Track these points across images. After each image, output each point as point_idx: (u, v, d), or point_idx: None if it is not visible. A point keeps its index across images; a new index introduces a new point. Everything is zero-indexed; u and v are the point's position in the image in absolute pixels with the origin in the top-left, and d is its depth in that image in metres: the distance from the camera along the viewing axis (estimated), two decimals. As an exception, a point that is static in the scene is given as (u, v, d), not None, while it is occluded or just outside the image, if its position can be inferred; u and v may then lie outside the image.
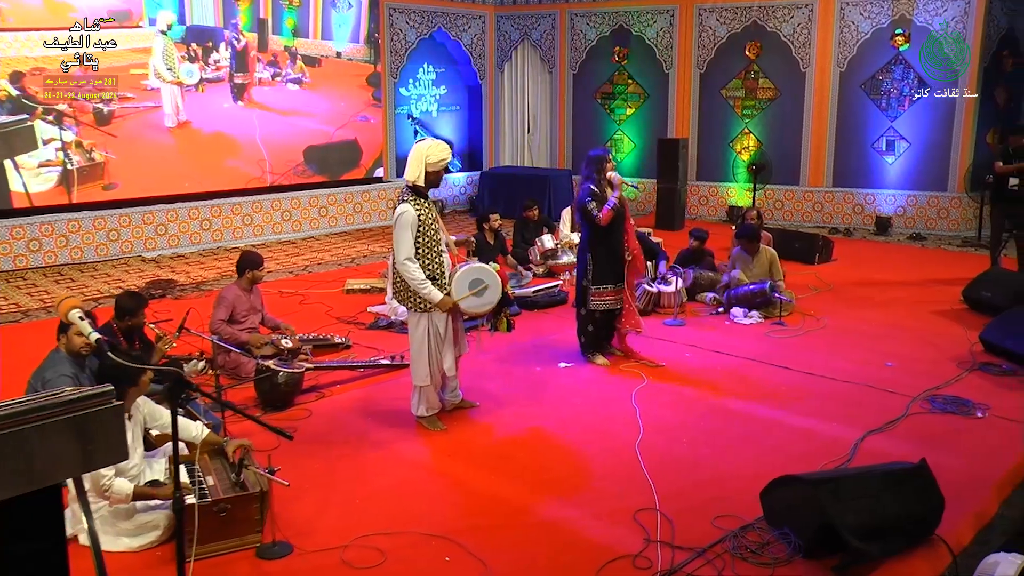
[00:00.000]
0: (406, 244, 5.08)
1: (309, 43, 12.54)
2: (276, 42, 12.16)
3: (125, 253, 10.38)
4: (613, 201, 6.29)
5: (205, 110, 11.38)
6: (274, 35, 12.15)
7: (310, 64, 12.56)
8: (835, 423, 5.46)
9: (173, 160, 11.06)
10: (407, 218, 5.08)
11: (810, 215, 12.75)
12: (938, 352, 6.86)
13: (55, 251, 9.90)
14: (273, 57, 12.13)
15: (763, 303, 7.84)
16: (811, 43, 12.30)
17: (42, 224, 9.78)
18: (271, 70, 12.11)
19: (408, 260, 5.08)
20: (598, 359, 6.63)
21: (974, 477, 4.70)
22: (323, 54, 12.71)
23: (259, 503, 4.08)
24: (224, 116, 11.61)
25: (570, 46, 14.28)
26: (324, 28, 12.70)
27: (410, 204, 5.13)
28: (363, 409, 5.78)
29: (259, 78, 11.97)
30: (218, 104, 11.55)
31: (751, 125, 12.99)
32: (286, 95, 12.35)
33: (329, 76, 12.83)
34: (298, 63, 12.40)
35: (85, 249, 10.08)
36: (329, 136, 12.80)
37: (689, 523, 4.19)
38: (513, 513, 4.35)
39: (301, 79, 12.45)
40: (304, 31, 12.46)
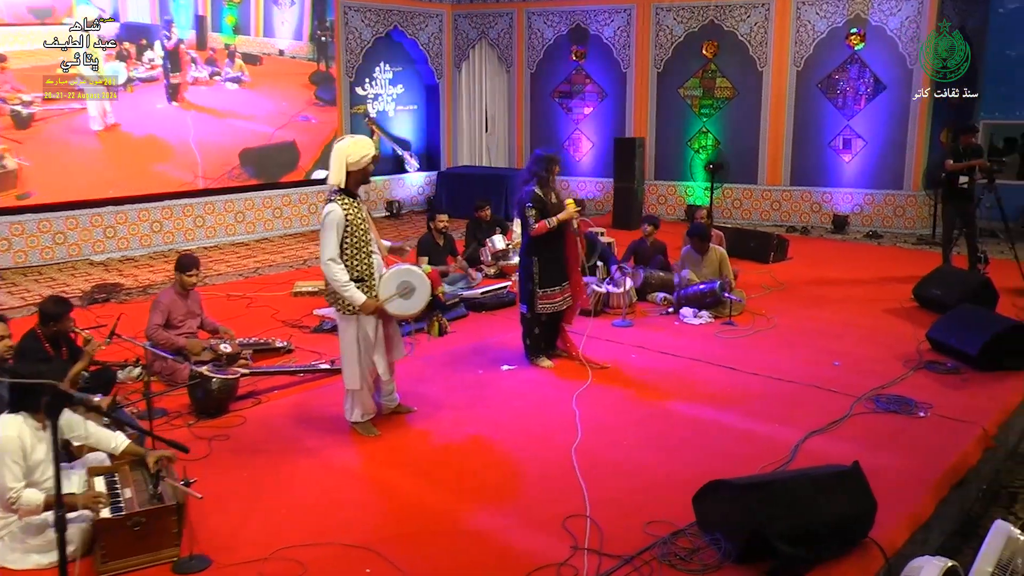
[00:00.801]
0: (331, 244, 4.95)
1: (251, 41, 12.26)
2: (216, 40, 11.83)
3: (72, 256, 10.15)
4: (554, 222, 6.15)
5: (136, 112, 10.88)
6: (214, 32, 11.81)
7: (251, 62, 12.23)
8: (777, 424, 5.41)
9: (97, 165, 10.56)
10: (333, 218, 4.94)
11: (768, 214, 12.76)
12: (886, 351, 6.85)
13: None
14: (211, 55, 11.78)
15: (713, 303, 7.79)
16: (768, 42, 12.32)
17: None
18: (209, 69, 11.76)
19: (332, 261, 4.94)
20: (543, 362, 6.53)
21: (912, 477, 4.66)
22: (265, 52, 12.43)
23: (176, 516, 3.94)
24: (156, 118, 11.13)
25: (527, 45, 14.21)
26: (266, 25, 12.43)
27: (337, 204, 4.98)
28: (299, 415, 5.64)
29: (195, 77, 11.58)
30: (151, 105, 11.08)
31: (709, 124, 12.98)
32: (225, 95, 11.98)
33: (270, 75, 12.52)
34: (237, 62, 12.06)
35: (29, 252, 9.84)
36: (268, 137, 12.41)
37: (619, 529, 4.10)
38: (440, 521, 4.24)
39: (240, 78, 12.12)
40: (245, 28, 12.18)
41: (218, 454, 5.04)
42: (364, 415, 5.28)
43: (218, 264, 10.25)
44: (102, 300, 8.37)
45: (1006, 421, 5.66)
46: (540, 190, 6.25)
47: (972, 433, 5.27)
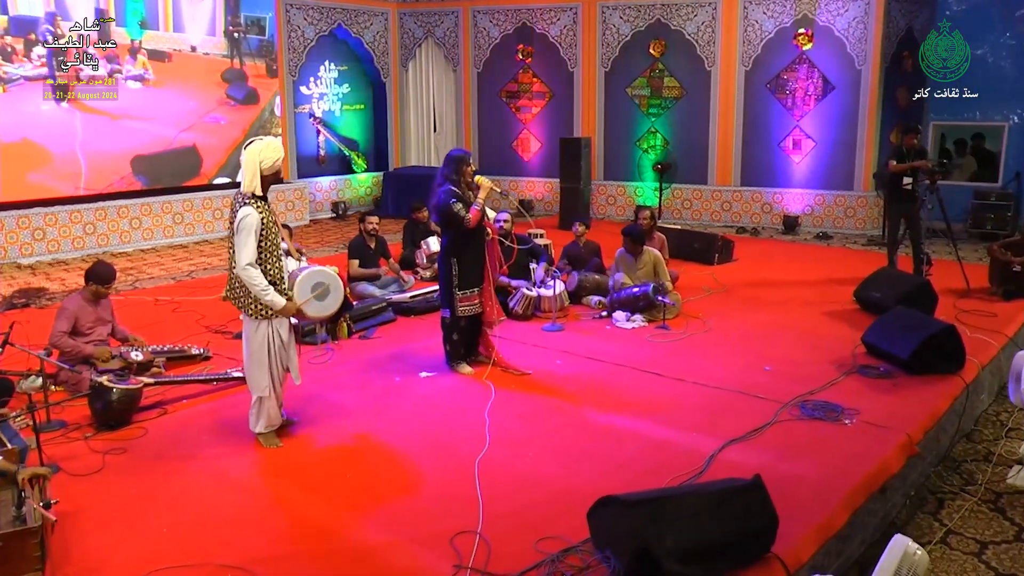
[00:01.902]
0: (249, 249, 4.76)
1: (159, 36, 11.81)
2: (120, 35, 11.35)
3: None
4: (480, 203, 6.02)
5: (12, 113, 10.27)
6: (118, 27, 11.34)
7: (158, 59, 11.77)
8: (696, 433, 5.23)
9: None
10: (250, 222, 4.75)
11: (718, 214, 12.66)
12: (821, 355, 6.71)
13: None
14: (112, 52, 11.26)
15: (646, 306, 7.63)
16: (715, 41, 12.22)
17: None
18: (109, 67, 11.26)
19: (250, 265, 4.76)
20: (463, 368, 6.34)
21: (826, 487, 4.51)
22: (175, 48, 12.00)
23: (39, 538, 3.69)
24: (37, 120, 10.48)
25: (474, 44, 14.02)
26: (176, 20, 12.01)
27: (252, 207, 4.79)
28: (204, 426, 5.39)
29: (91, 76, 11.02)
30: (32, 106, 10.43)
31: (657, 124, 12.86)
32: (126, 94, 11.40)
33: (178, 72, 12.03)
34: (140, 59, 11.58)
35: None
36: (169, 142, 11.79)
37: (509, 546, 3.90)
38: (324, 539, 4.02)
39: (144, 76, 11.64)
40: (153, 23, 11.76)
41: (111, 469, 4.80)
42: (269, 426, 5.05)
43: (152, 267, 9.95)
44: (21, 305, 8.06)
45: (934, 426, 5.54)
46: (457, 188, 6.08)
47: (895, 440, 5.11)
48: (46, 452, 4.88)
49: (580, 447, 5.08)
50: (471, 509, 4.26)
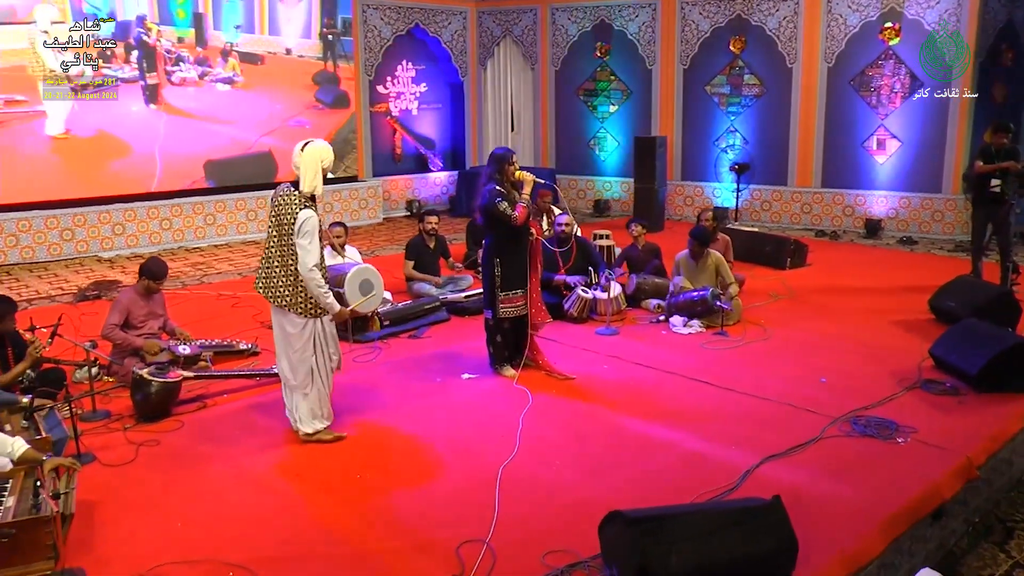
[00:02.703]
0: (315, 252, 4.82)
1: (255, 39, 12.07)
2: (217, 38, 11.69)
3: (80, 253, 10.24)
4: (526, 199, 5.94)
5: (103, 114, 10.64)
6: (215, 30, 11.70)
7: (251, 62, 12.02)
8: (734, 447, 5.00)
9: (50, 168, 10.35)
10: (314, 223, 4.81)
11: (798, 217, 12.18)
12: (883, 367, 6.33)
13: (4, 251, 9.80)
14: (202, 55, 11.61)
15: (705, 311, 7.36)
16: (797, 37, 11.74)
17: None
18: (200, 69, 11.58)
19: (317, 267, 4.83)
20: (506, 371, 6.23)
21: (865, 511, 4.22)
22: (270, 51, 12.23)
23: (52, 528, 3.77)
24: (125, 120, 10.81)
25: (551, 42, 13.88)
26: (271, 23, 12.25)
27: (312, 210, 4.84)
28: (238, 422, 5.46)
29: (183, 78, 11.38)
30: (124, 106, 10.82)
31: (737, 122, 12.46)
32: (213, 97, 11.68)
33: (269, 75, 12.23)
34: (230, 61, 11.85)
35: (37, 248, 9.96)
36: (248, 146, 11.89)
37: (515, 558, 3.79)
38: (331, 542, 3.99)
39: (232, 78, 11.90)
40: (249, 26, 12.02)
41: (142, 460, 4.91)
42: (325, 423, 5.10)
43: (221, 262, 10.22)
44: (93, 297, 8.38)
45: (1002, 449, 5.14)
46: (501, 186, 6.00)
47: (952, 463, 4.76)
48: (88, 441, 5.08)
49: (610, 456, 4.92)
50: (486, 517, 4.16)
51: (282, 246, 4.90)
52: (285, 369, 5.08)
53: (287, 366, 5.05)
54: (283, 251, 4.90)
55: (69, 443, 4.87)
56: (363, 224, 12.90)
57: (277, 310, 5.03)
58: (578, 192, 14.10)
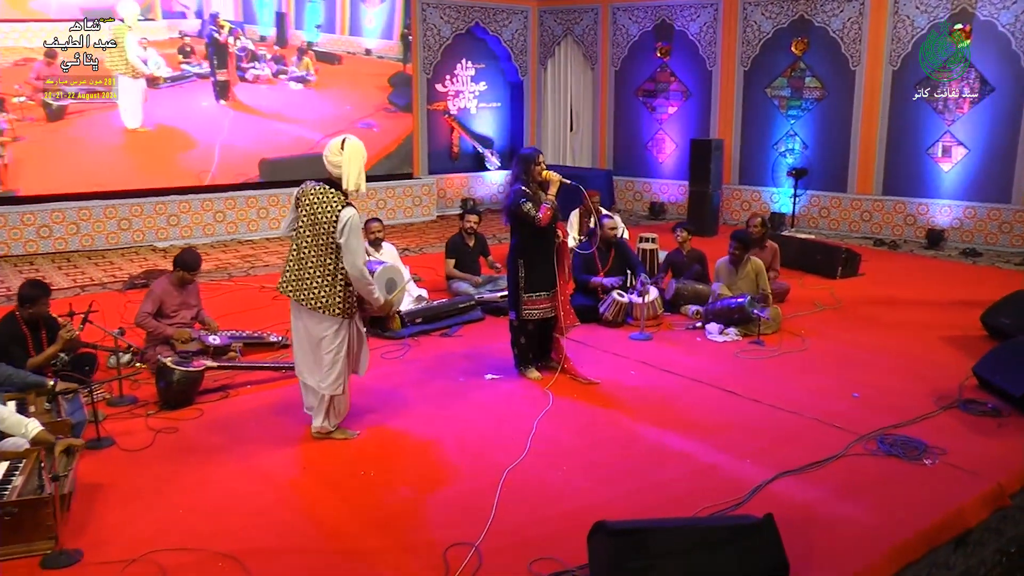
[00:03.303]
0: (362, 249, 4.84)
1: (335, 39, 12.26)
2: (298, 37, 11.94)
3: (136, 242, 10.55)
4: (551, 199, 5.86)
5: (173, 108, 10.90)
6: (296, 30, 11.94)
7: (328, 61, 12.19)
8: (749, 460, 4.85)
9: (117, 159, 10.63)
10: (356, 222, 4.81)
11: (857, 224, 11.76)
12: (923, 384, 6.06)
13: (65, 238, 10.15)
14: (279, 53, 11.83)
15: (742, 319, 7.17)
16: (862, 39, 11.34)
17: (53, 211, 10.05)
18: (275, 67, 11.81)
19: (364, 265, 4.82)
20: (531, 373, 6.18)
21: (877, 534, 4.06)
22: (350, 51, 12.39)
23: (52, 508, 3.88)
24: (193, 114, 11.05)
25: (612, 42, 13.72)
26: (352, 23, 12.42)
27: (353, 208, 4.84)
28: (257, 413, 5.54)
29: (256, 76, 11.60)
30: (195, 101, 11.10)
31: (797, 126, 12.11)
32: (285, 95, 11.84)
33: (345, 75, 12.35)
34: (304, 60, 12.03)
35: (96, 237, 10.29)
36: (310, 146, 11.86)
37: (502, 563, 3.75)
38: (324, 537, 4.01)
39: (306, 77, 12.07)
40: (330, 26, 12.23)
41: (158, 447, 5.02)
42: (336, 422, 5.13)
43: (271, 255, 10.40)
44: (141, 285, 8.61)
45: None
46: (527, 187, 5.95)
47: (981, 488, 4.54)
48: (110, 426, 5.22)
49: (620, 464, 4.84)
50: (482, 520, 4.13)
51: (319, 246, 4.82)
52: (308, 371, 5.04)
53: (314, 367, 4.99)
54: (319, 251, 4.83)
55: (89, 427, 5.04)
56: (416, 221, 12.98)
57: (307, 312, 4.92)
58: (634, 194, 13.92)
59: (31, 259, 9.80)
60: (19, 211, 9.89)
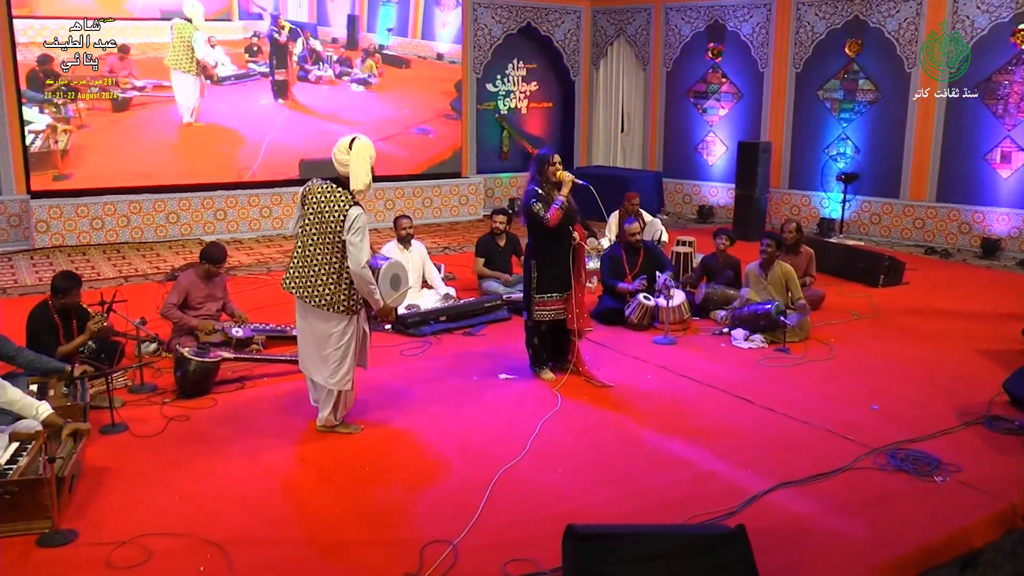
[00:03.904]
0: (367, 249, 4.86)
1: (407, 43, 12.46)
2: (369, 40, 12.18)
3: (184, 235, 10.87)
4: (561, 200, 5.83)
5: (229, 104, 11.23)
6: (368, 33, 12.16)
7: (395, 65, 12.39)
8: (751, 469, 4.76)
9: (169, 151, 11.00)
10: (364, 220, 4.84)
11: (909, 232, 11.39)
12: (949, 399, 5.85)
13: (116, 230, 10.52)
14: (344, 54, 12.06)
15: (768, 326, 7.03)
16: (918, 40, 10.96)
17: (105, 204, 10.43)
18: (339, 68, 12.04)
19: (368, 264, 4.87)
20: (545, 374, 6.17)
21: (873, 551, 3.94)
22: (422, 55, 12.57)
23: (49, 489, 4.02)
24: (247, 113, 11.36)
25: (664, 42, 13.57)
26: (425, 27, 12.60)
27: (360, 207, 4.89)
28: (268, 405, 5.64)
29: (319, 76, 11.85)
30: (253, 99, 11.43)
31: (849, 130, 11.79)
32: (345, 97, 12.07)
33: (410, 79, 12.52)
34: (368, 62, 12.24)
35: (145, 229, 10.64)
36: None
37: (477, 563, 3.76)
38: (306, 530, 4.08)
39: (367, 80, 12.26)
40: (403, 30, 12.41)
41: (168, 434, 5.17)
42: (343, 415, 5.21)
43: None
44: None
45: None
46: (541, 189, 5.93)
47: (991, 507, 4.37)
48: (127, 412, 5.40)
49: (618, 468, 4.80)
50: (465, 518, 4.14)
51: (326, 244, 4.87)
52: (314, 368, 5.10)
53: (320, 364, 5.05)
54: (325, 249, 4.88)
55: (104, 413, 5.22)
56: (462, 220, 13.05)
57: (313, 311, 4.99)
58: (683, 197, 13.75)
59: (84, 250, 10.19)
60: (73, 203, 10.29)
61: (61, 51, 10.21)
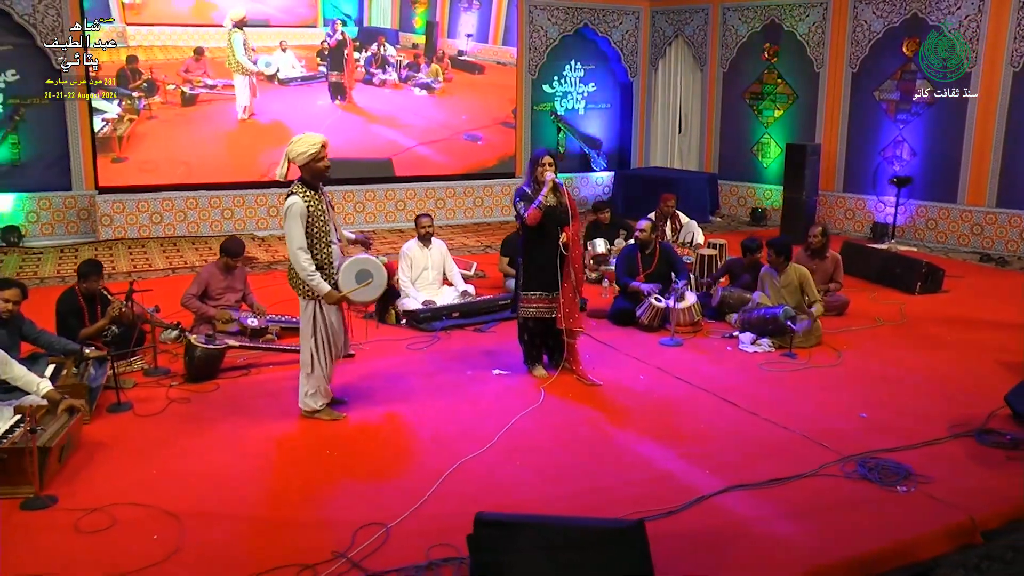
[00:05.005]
0: (297, 234, 5.15)
1: (487, 48, 12.78)
2: (449, 46, 12.57)
3: (238, 230, 11.38)
4: (539, 201, 5.92)
5: (290, 105, 11.70)
6: (449, 39, 12.55)
7: (468, 70, 12.70)
8: (712, 471, 4.76)
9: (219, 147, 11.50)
10: (296, 209, 5.13)
11: (966, 238, 10.96)
12: (947, 410, 5.68)
13: (174, 224, 11.15)
14: (415, 59, 12.45)
15: (776, 330, 6.95)
16: (979, 38, 10.53)
17: (164, 200, 11.06)
18: (405, 72, 12.42)
19: (300, 250, 5.15)
20: (537, 370, 6.29)
21: (808, 557, 3.92)
22: (501, 61, 12.90)
23: (31, 458, 4.38)
24: (302, 113, 11.74)
25: (721, 43, 13.40)
26: (507, 34, 12.95)
27: (298, 196, 5.18)
28: (266, 391, 5.94)
29: (383, 80, 12.24)
30: (311, 101, 11.88)
31: (905, 131, 11.40)
32: (405, 100, 12.40)
33: (480, 85, 12.77)
34: (433, 67, 12.56)
35: (201, 224, 11.22)
36: (394, 149, 12.40)
37: (403, 546, 3.92)
38: (260, 508, 4.35)
39: (430, 84, 12.57)
40: (483, 36, 12.76)
41: (168, 414, 5.53)
42: (320, 404, 5.46)
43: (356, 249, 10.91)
44: (224, 271, 9.35)
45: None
46: (531, 188, 6.04)
47: (948, 520, 4.28)
48: (136, 393, 5.80)
49: (576, 465, 4.88)
50: (410, 504, 4.32)
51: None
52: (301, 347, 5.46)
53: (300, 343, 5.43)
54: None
55: (111, 393, 5.63)
56: (511, 219, 13.21)
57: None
58: (738, 199, 13.56)
59: (143, 243, 10.84)
60: (135, 199, 10.97)
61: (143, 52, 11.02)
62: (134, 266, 9.55)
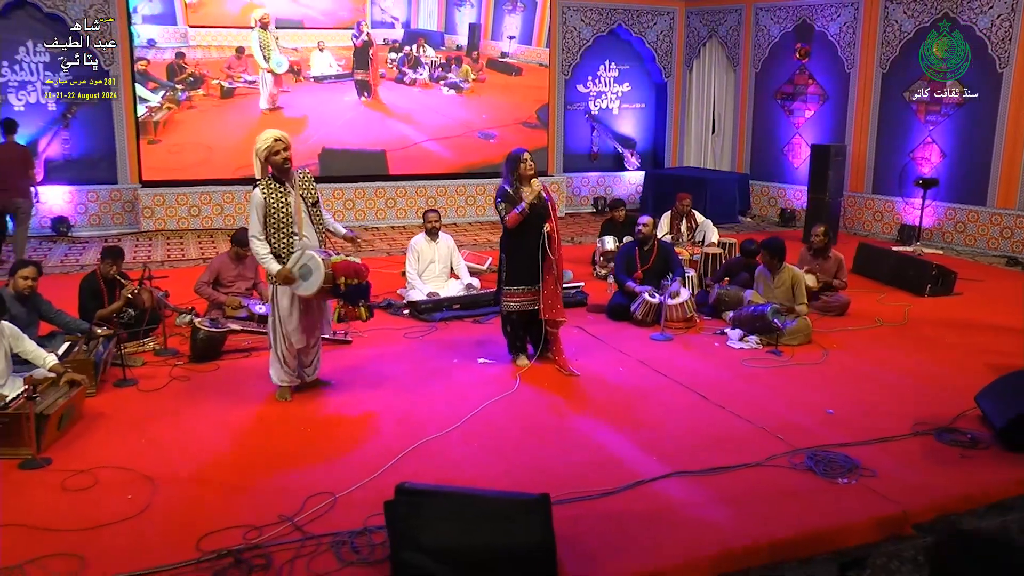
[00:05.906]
0: (254, 223, 5.54)
1: (530, 50, 13.10)
2: (491, 47, 12.91)
3: (274, 223, 11.89)
4: (522, 206, 6.15)
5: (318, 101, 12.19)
6: (492, 40, 12.90)
7: (504, 72, 13.02)
8: (660, 458, 4.95)
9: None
10: (254, 201, 5.53)
11: (996, 242, 10.78)
12: (920, 409, 5.73)
13: (211, 217, 11.73)
14: (446, 60, 12.82)
15: (764, 328, 7.07)
16: (1012, 38, 10.33)
17: (202, 194, 11.65)
18: (438, 72, 12.80)
19: (254, 236, 5.54)
20: (520, 360, 6.54)
21: (723, 538, 4.10)
22: (540, 62, 13.21)
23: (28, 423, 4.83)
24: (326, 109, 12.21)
25: (754, 43, 13.41)
26: (551, 36, 13.26)
27: (260, 189, 5.55)
28: (263, 372, 6.14)
29: (413, 79, 12.65)
30: (338, 98, 12.34)
31: (935, 133, 11.26)
32: (431, 99, 12.75)
33: (513, 86, 13.05)
34: (463, 67, 12.89)
35: (237, 218, 11.75)
36: (401, 143, 12.71)
37: (348, 515, 4.18)
38: (225, 474, 4.71)
39: (458, 84, 12.91)
40: (526, 38, 13.08)
41: (166, 391, 5.96)
42: (280, 380, 5.81)
43: (381, 242, 11.35)
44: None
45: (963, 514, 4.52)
46: (511, 188, 6.28)
47: (880, 511, 4.39)
48: (144, 370, 6.27)
49: (529, 449, 5.10)
50: (361, 478, 4.62)
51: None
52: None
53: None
54: None
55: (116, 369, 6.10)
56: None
57: None
58: (768, 199, 13.54)
59: (180, 234, 11.45)
60: (175, 192, 11.60)
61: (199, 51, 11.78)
62: (168, 255, 10.11)
